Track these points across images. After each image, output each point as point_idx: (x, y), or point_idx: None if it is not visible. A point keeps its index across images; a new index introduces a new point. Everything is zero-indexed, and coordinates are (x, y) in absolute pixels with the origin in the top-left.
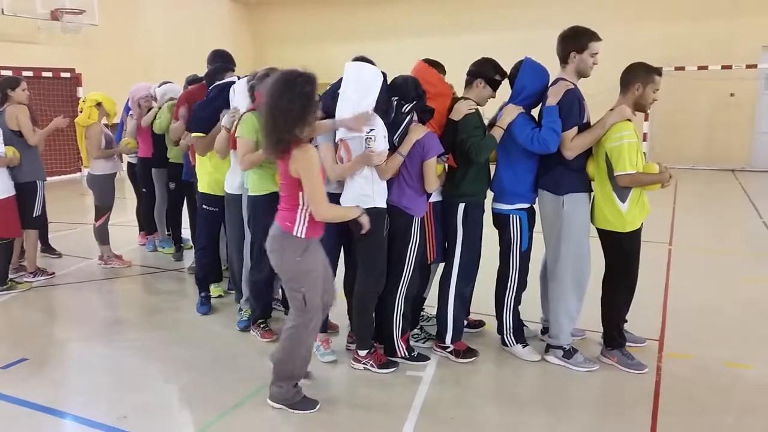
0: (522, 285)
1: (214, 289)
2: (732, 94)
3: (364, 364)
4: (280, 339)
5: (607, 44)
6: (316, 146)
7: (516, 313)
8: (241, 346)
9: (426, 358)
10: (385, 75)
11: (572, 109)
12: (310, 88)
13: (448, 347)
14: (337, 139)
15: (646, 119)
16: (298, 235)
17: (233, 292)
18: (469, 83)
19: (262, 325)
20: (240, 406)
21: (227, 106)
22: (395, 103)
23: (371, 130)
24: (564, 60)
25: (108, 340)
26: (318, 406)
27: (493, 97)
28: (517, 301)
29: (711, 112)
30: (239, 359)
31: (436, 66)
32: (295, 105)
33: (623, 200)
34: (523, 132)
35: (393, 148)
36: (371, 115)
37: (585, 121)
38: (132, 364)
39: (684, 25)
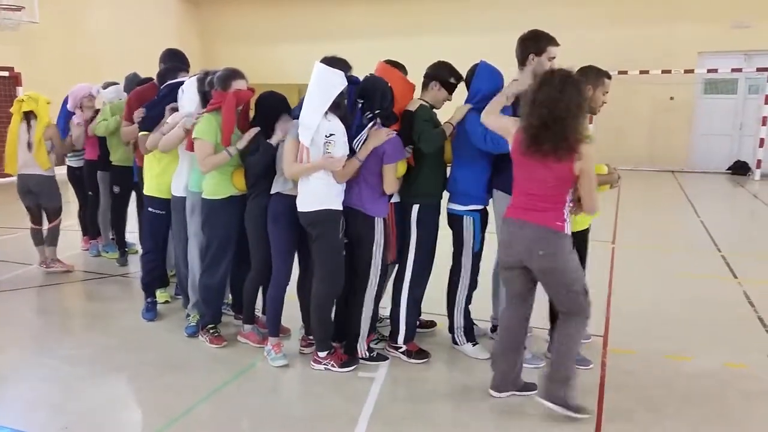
0: (473, 285)
1: (161, 295)
2: (671, 98)
3: (324, 364)
4: (558, 348)
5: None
6: (277, 145)
7: (466, 313)
8: (190, 352)
9: (384, 358)
10: (357, 80)
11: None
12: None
13: (401, 347)
14: (306, 142)
15: (590, 122)
16: (568, 232)
17: (180, 297)
18: (425, 86)
19: (211, 331)
20: (189, 412)
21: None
22: (360, 106)
23: (331, 135)
24: (522, 62)
25: (48, 348)
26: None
27: (449, 99)
28: (468, 300)
29: (652, 115)
30: (187, 365)
31: (398, 66)
32: (585, 104)
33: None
34: (476, 132)
35: (352, 152)
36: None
37: None
38: (74, 372)
39: (627, 32)
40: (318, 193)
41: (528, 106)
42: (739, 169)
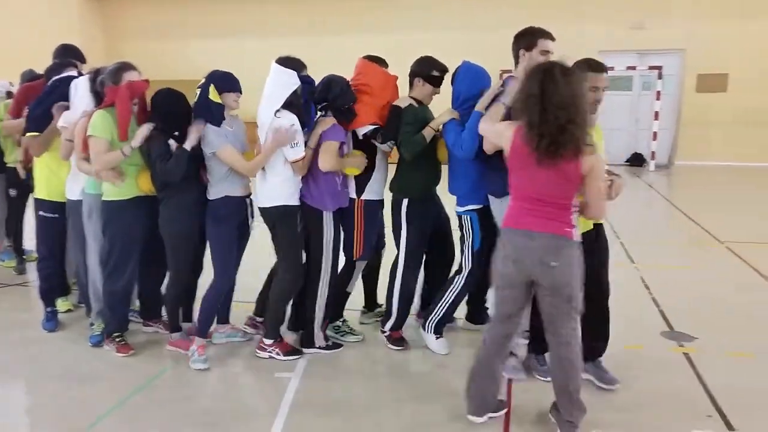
0: (469, 284)
1: (62, 303)
2: None
3: (269, 352)
4: (566, 371)
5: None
6: (212, 153)
7: (451, 308)
8: (94, 363)
9: (339, 346)
10: (310, 80)
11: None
12: None
13: (385, 332)
14: (261, 140)
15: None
16: (577, 239)
17: (83, 305)
18: (411, 84)
19: (117, 339)
20: (95, 426)
21: (64, 101)
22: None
23: (291, 125)
24: (516, 59)
25: None
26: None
27: (437, 92)
28: (460, 297)
29: None
30: (92, 376)
31: (378, 61)
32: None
33: None
34: (450, 136)
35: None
36: (289, 129)
37: None
38: None
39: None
40: (275, 189)
41: (535, 109)
42: (635, 160)
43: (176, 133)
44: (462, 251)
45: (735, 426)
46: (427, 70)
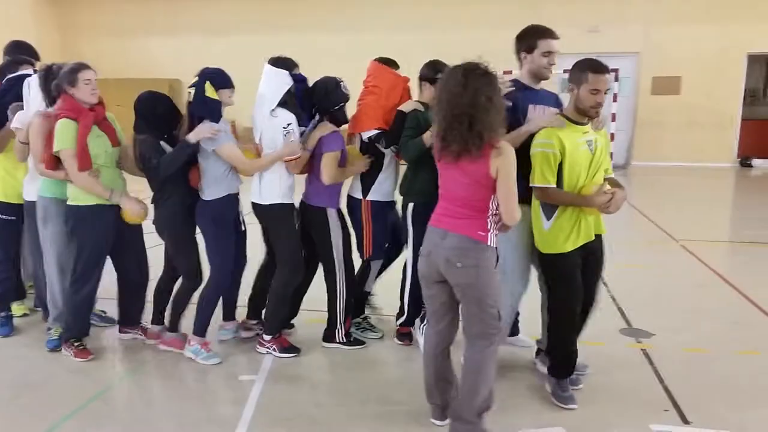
0: None
1: (17, 308)
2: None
3: (267, 348)
4: (466, 372)
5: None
6: (212, 150)
7: None
8: (52, 368)
9: (361, 343)
10: (302, 78)
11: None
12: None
13: (397, 326)
14: (256, 139)
15: (596, 126)
16: (492, 244)
17: (40, 310)
18: (419, 87)
19: (76, 344)
20: None
21: (19, 101)
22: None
23: (288, 124)
24: (519, 61)
25: None
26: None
27: None
28: None
29: None
30: (49, 382)
31: (389, 63)
32: (497, 97)
33: (548, 217)
34: None
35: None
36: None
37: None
38: None
39: (490, 34)
40: (271, 187)
41: (435, 106)
42: None
43: (165, 135)
44: None
45: (690, 420)
46: (432, 74)
